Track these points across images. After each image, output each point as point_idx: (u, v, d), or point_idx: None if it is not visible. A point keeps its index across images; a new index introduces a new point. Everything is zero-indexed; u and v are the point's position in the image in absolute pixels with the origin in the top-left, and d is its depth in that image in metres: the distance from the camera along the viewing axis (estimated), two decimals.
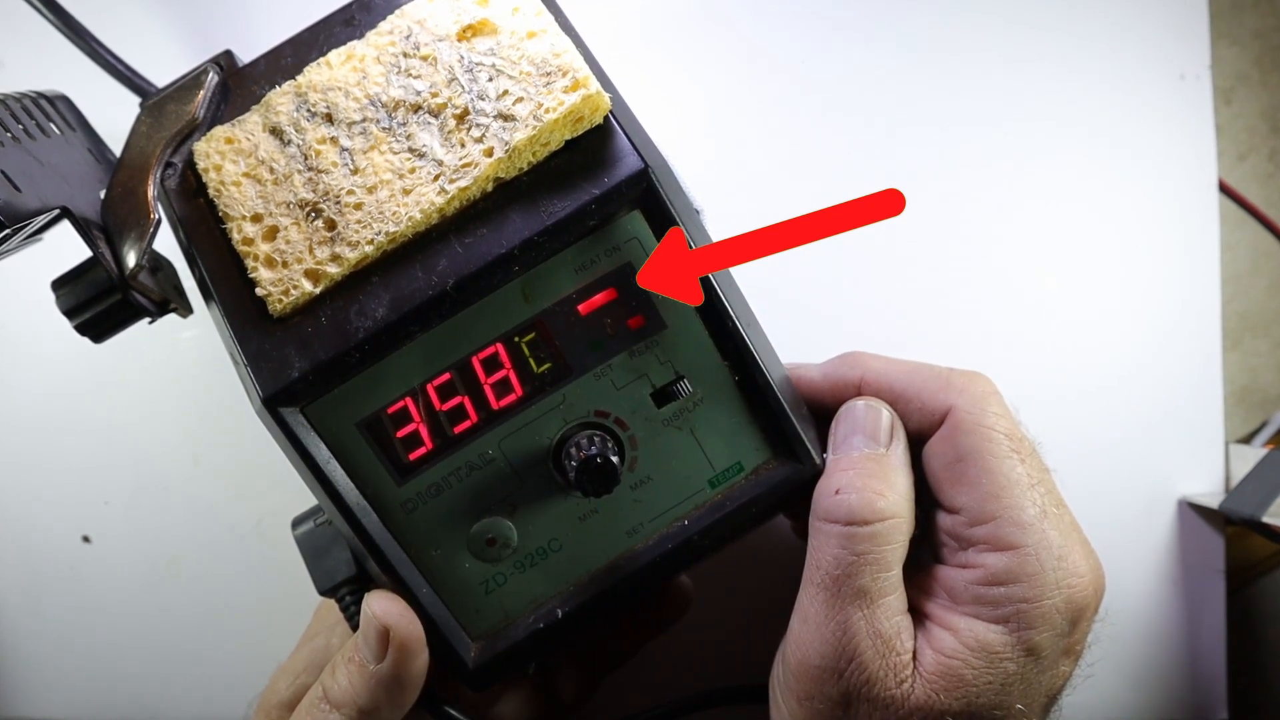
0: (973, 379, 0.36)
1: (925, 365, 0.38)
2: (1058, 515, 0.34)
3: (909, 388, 0.37)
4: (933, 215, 0.53)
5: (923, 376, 0.37)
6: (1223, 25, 0.56)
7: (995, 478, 0.34)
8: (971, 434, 0.35)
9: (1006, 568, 0.33)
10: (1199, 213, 0.54)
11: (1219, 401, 0.54)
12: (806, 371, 0.40)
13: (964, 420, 0.35)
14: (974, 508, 0.34)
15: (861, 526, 0.33)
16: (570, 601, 0.37)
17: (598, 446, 0.34)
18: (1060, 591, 0.33)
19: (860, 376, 0.38)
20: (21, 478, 0.55)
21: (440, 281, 0.33)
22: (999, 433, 0.35)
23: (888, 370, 0.38)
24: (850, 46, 0.53)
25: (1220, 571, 0.54)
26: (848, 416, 0.37)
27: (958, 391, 0.36)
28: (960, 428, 0.35)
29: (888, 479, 0.35)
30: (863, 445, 0.36)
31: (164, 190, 0.36)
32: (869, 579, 0.33)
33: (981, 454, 0.34)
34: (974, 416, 0.35)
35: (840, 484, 0.35)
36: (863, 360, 0.39)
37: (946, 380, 0.36)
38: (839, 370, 0.39)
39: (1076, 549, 0.34)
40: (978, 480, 0.34)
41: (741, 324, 0.35)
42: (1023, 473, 0.34)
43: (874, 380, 0.38)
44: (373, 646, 0.34)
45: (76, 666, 0.56)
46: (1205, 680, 0.54)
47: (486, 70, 0.34)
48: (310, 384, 0.33)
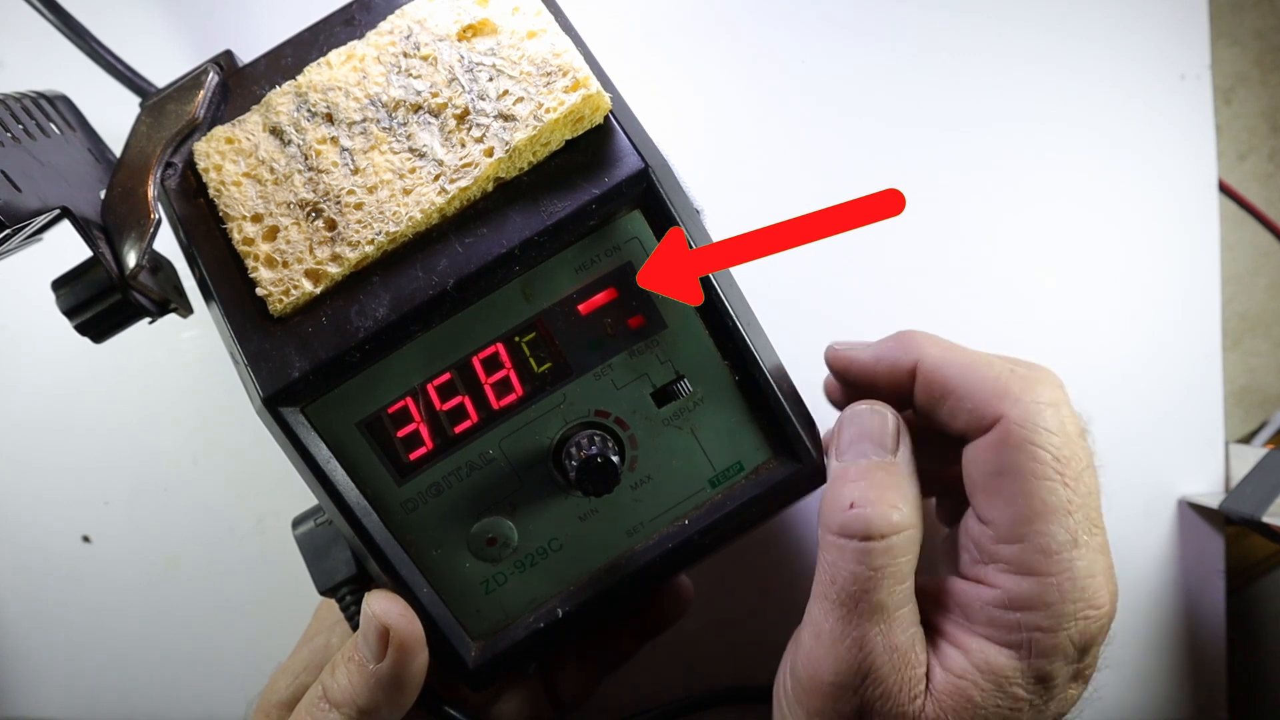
0: (1032, 385, 0.34)
1: (983, 360, 0.36)
2: (1089, 542, 0.32)
3: (963, 384, 0.35)
4: (932, 215, 0.53)
5: (979, 376, 0.35)
6: (1223, 25, 0.56)
7: (1032, 501, 0.32)
8: (1017, 450, 0.33)
9: (1026, 594, 0.32)
10: (1199, 213, 0.54)
11: (1219, 401, 0.54)
12: (858, 353, 0.38)
13: (1012, 434, 0.33)
14: (1004, 525, 0.33)
15: (878, 541, 0.32)
16: (570, 601, 0.37)
17: (598, 446, 0.34)
18: (1077, 623, 0.32)
19: (915, 363, 0.36)
20: (21, 478, 0.55)
21: (441, 281, 0.33)
22: (1046, 452, 0.32)
23: (943, 361, 0.36)
24: (850, 46, 0.53)
25: (1220, 571, 0.54)
26: (852, 421, 0.36)
27: (1013, 400, 0.33)
28: (1007, 441, 0.33)
29: (900, 489, 0.33)
30: (871, 452, 0.35)
31: (164, 190, 0.36)
32: (885, 593, 0.32)
33: (1022, 473, 0.33)
34: (1023, 431, 0.33)
35: (854, 496, 0.33)
36: (918, 344, 0.37)
37: (1004, 386, 0.34)
38: (893, 353, 0.37)
39: (1100, 577, 0.32)
40: (1013, 500, 0.33)
41: (742, 324, 0.35)
42: (1062, 497, 0.32)
43: (928, 371, 0.36)
44: (372, 646, 0.34)
45: (76, 666, 0.56)
46: (1205, 680, 0.54)
47: (487, 70, 0.34)
48: (310, 384, 0.33)
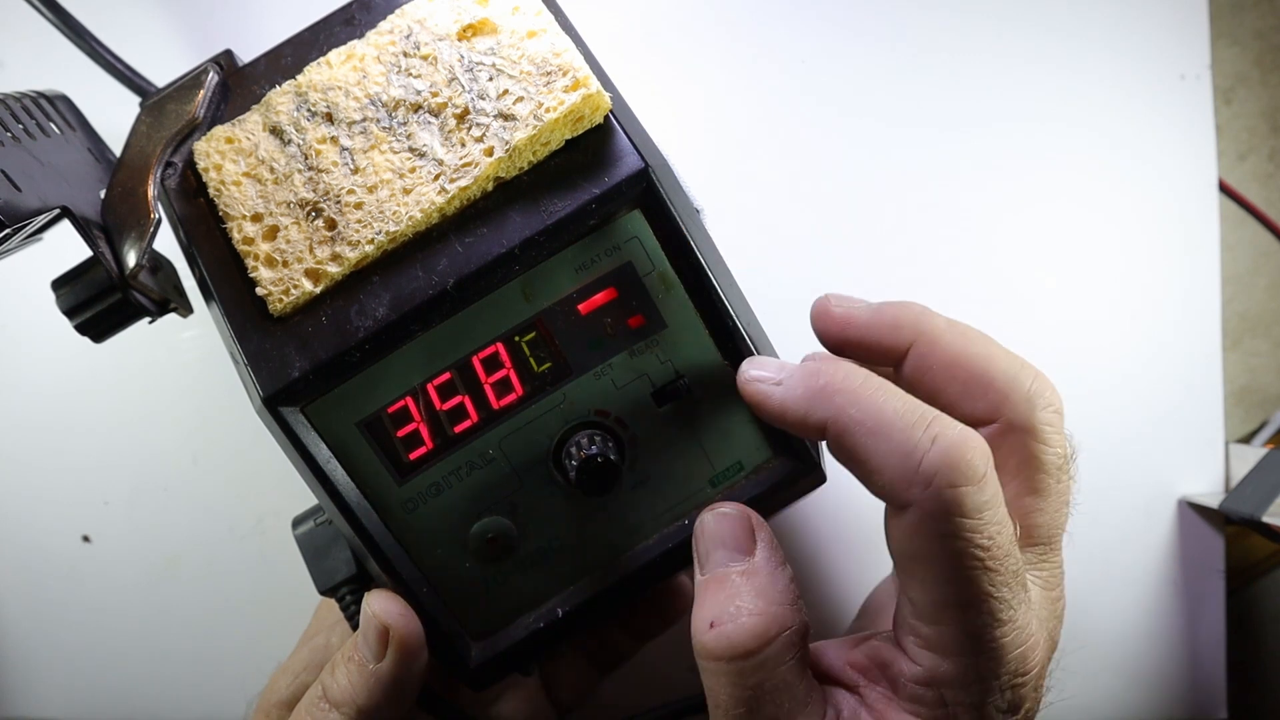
0: (953, 465, 0.28)
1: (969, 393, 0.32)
2: (1020, 611, 0.29)
3: (955, 398, 0.32)
4: (932, 215, 0.53)
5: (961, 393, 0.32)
6: (1223, 25, 0.56)
7: (946, 588, 0.29)
8: (930, 540, 0.28)
9: (949, 674, 0.29)
10: (1199, 213, 0.54)
11: (1219, 401, 0.54)
12: (856, 311, 0.34)
13: (924, 524, 0.28)
14: (922, 607, 0.30)
15: (748, 659, 0.29)
16: (570, 601, 0.37)
17: (598, 446, 0.34)
18: (1004, 694, 0.29)
19: (910, 344, 0.33)
20: (21, 478, 0.55)
21: (441, 281, 0.33)
22: (970, 546, 0.28)
23: (937, 362, 0.33)
24: (850, 46, 0.53)
25: (1220, 571, 0.54)
26: (701, 533, 0.33)
27: (939, 476, 0.28)
28: (920, 528, 0.28)
29: (762, 592, 0.30)
30: (726, 560, 0.32)
31: (164, 190, 0.36)
32: (774, 708, 0.30)
33: (935, 561, 0.28)
34: (936, 524, 0.28)
35: (712, 614, 0.30)
36: (922, 324, 0.33)
37: (942, 448, 0.28)
38: (890, 330, 0.33)
39: (1034, 637, 0.29)
40: (927, 586, 0.29)
41: (742, 323, 0.35)
42: (984, 587, 0.28)
43: (919, 358, 0.33)
44: (372, 646, 0.34)
45: (76, 666, 0.56)
46: (1205, 680, 0.54)
47: (487, 70, 0.34)
48: (310, 383, 0.33)
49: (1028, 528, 0.32)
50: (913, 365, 0.33)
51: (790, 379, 0.32)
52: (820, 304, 0.35)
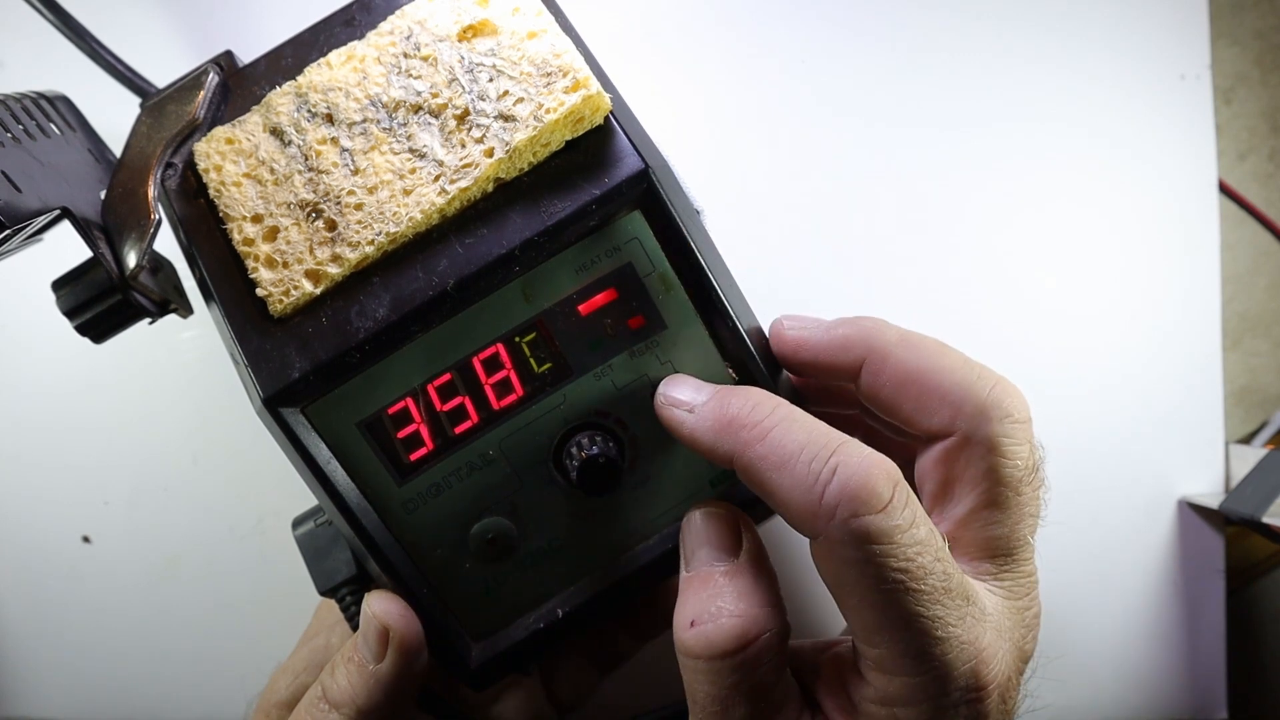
0: (853, 495, 0.28)
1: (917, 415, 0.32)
2: (961, 627, 0.28)
3: (909, 414, 0.33)
4: (932, 215, 0.53)
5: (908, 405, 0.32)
6: (1223, 25, 0.56)
7: (872, 613, 0.28)
8: (844, 568, 0.28)
9: (898, 694, 0.29)
10: (1199, 213, 0.54)
11: (1219, 401, 0.54)
12: (807, 334, 0.35)
13: (835, 553, 0.28)
14: (858, 631, 0.30)
15: (727, 659, 0.29)
16: (570, 601, 0.37)
17: (599, 446, 0.34)
18: (961, 709, 0.29)
19: (862, 362, 0.33)
20: (21, 478, 0.55)
21: (441, 282, 0.33)
22: (886, 570, 0.28)
23: (889, 379, 0.33)
24: (850, 47, 0.53)
25: (1220, 571, 0.54)
26: (688, 530, 0.33)
27: (841, 507, 0.28)
28: (833, 557, 0.29)
29: (745, 594, 0.30)
30: (710, 559, 0.32)
31: (164, 191, 0.36)
32: (750, 708, 0.30)
33: (855, 587, 0.28)
34: (847, 552, 0.28)
35: (694, 613, 0.30)
36: (872, 340, 0.33)
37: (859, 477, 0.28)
38: (840, 350, 0.34)
39: (985, 650, 0.29)
40: (857, 612, 0.29)
41: (742, 324, 0.35)
42: (911, 608, 0.28)
43: (871, 375, 0.33)
44: (372, 646, 0.34)
45: (76, 666, 0.56)
46: (1205, 680, 0.54)
47: (487, 71, 0.34)
48: (311, 384, 0.33)
49: (985, 540, 0.32)
50: (866, 383, 0.34)
51: (702, 408, 0.32)
52: (774, 327, 0.36)
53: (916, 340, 0.33)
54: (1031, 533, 0.32)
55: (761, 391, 0.32)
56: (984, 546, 0.32)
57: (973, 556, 0.32)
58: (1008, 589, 0.32)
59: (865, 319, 0.34)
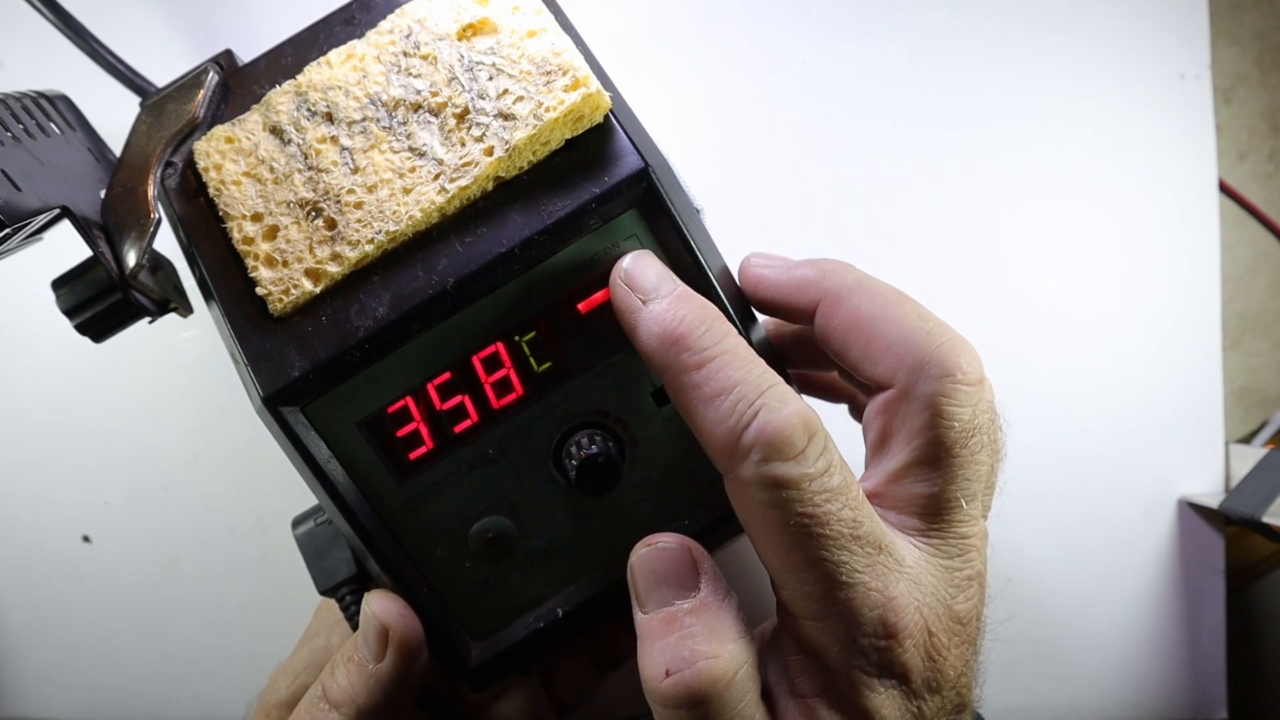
0: (768, 441, 0.28)
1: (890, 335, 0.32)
2: (870, 575, 0.28)
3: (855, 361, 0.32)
4: (932, 215, 0.53)
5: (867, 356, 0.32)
6: (1223, 25, 0.56)
7: (779, 554, 0.29)
8: (752, 508, 0.29)
9: (808, 636, 0.29)
10: (1199, 213, 0.54)
11: (1219, 401, 0.54)
12: (769, 272, 0.34)
13: (745, 492, 0.29)
14: (770, 570, 0.30)
15: (707, 705, 0.28)
16: (570, 601, 0.37)
17: (598, 446, 0.34)
18: (872, 656, 0.29)
19: (817, 301, 0.33)
20: (21, 477, 0.55)
21: (441, 280, 0.33)
22: (791, 515, 0.28)
23: (839, 324, 0.33)
24: (850, 46, 0.53)
25: (1220, 571, 0.54)
26: (642, 568, 0.31)
27: (755, 449, 0.28)
28: (742, 496, 0.29)
29: (714, 630, 0.29)
30: (672, 597, 0.30)
31: (164, 190, 0.36)
32: None
33: (762, 527, 0.29)
34: (756, 493, 0.29)
35: (667, 661, 0.29)
36: (828, 284, 0.33)
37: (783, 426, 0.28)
38: (797, 290, 0.34)
39: (896, 600, 0.29)
40: (765, 551, 0.30)
41: (740, 322, 0.35)
42: (816, 552, 0.28)
43: (823, 318, 0.33)
44: (372, 646, 0.34)
45: (76, 666, 0.56)
46: (1205, 680, 0.54)
47: (487, 69, 0.34)
48: (311, 383, 0.33)
49: (914, 496, 0.31)
50: (819, 325, 0.34)
51: (655, 304, 0.31)
52: (742, 264, 0.36)
53: (873, 286, 0.33)
54: (968, 497, 0.31)
55: (715, 311, 0.31)
56: (913, 503, 0.31)
57: (901, 511, 0.31)
58: (935, 547, 0.31)
59: (829, 261, 0.34)
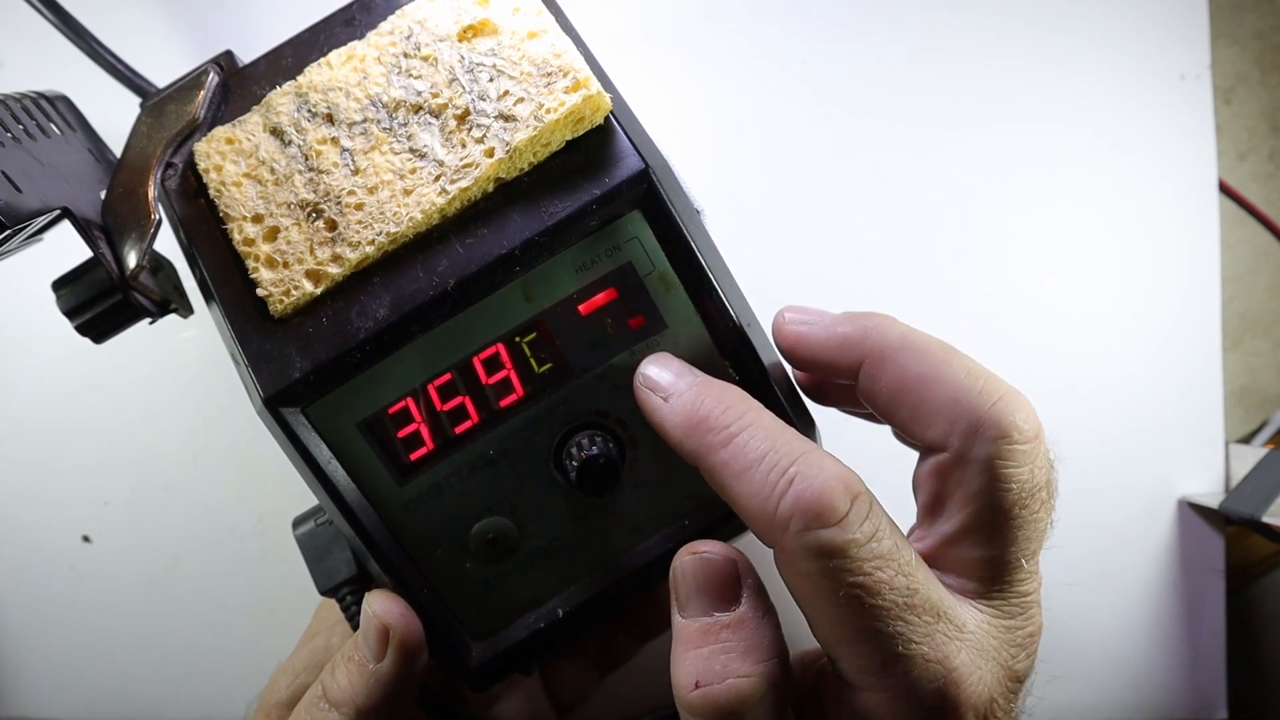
0: (807, 508, 0.27)
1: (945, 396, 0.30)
2: (929, 645, 0.27)
3: (904, 422, 0.31)
4: (932, 215, 0.53)
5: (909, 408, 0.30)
6: (1223, 25, 0.56)
7: (831, 627, 0.28)
8: (800, 581, 0.28)
9: (864, 707, 0.28)
10: (1199, 213, 0.54)
11: (1219, 401, 0.54)
12: (808, 330, 0.33)
13: (792, 565, 0.28)
14: (823, 644, 0.29)
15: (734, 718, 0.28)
16: (571, 601, 0.37)
17: (599, 446, 0.34)
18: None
19: (860, 361, 0.32)
20: (21, 477, 0.55)
21: (441, 282, 0.33)
22: (841, 585, 0.27)
23: (885, 386, 0.31)
24: (850, 46, 0.53)
25: (1220, 571, 0.54)
26: (681, 576, 0.31)
27: (795, 519, 0.27)
28: (789, 569, 0.28)
29: (751, 649, 0.29)
30: (709, 608, 0.30)
31: (164, 191, 0.36)
32: None
33: (813, 601, 0.28)
34: (802, 564, 0.27)
35: (698, 673, 0.28)
36: (870, 344, 0.32)
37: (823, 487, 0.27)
38: (839, 351, 0.33)
39: (957, 670, 0.28)
40: (817, 625, 0.28)
41: (741, 322, 0.35)
42: (868, 624, 0.27)
43: (868, 380, 0.32)
44: (373, 646, 0.34)
45: (76, 666, 0.56)
46: (1205, 680, 0.54)
47: (487, 70, 0.34)
48: (311, 384, 0.33)
49: (973, 561, 0.30)
50: (864, 386, 0.32)
51: (677, 400, 0.31)
52: (776, 320, 0.34)
53: (919, 343, 0.31)
54: (1028, 556, 0.30)
55: (737, 391, 0.31)
56: (972, 567, 0.30)
57: (959, 574, 0.30)
58: (997, 609, 0.30)
59: (870, 316, 0.33)
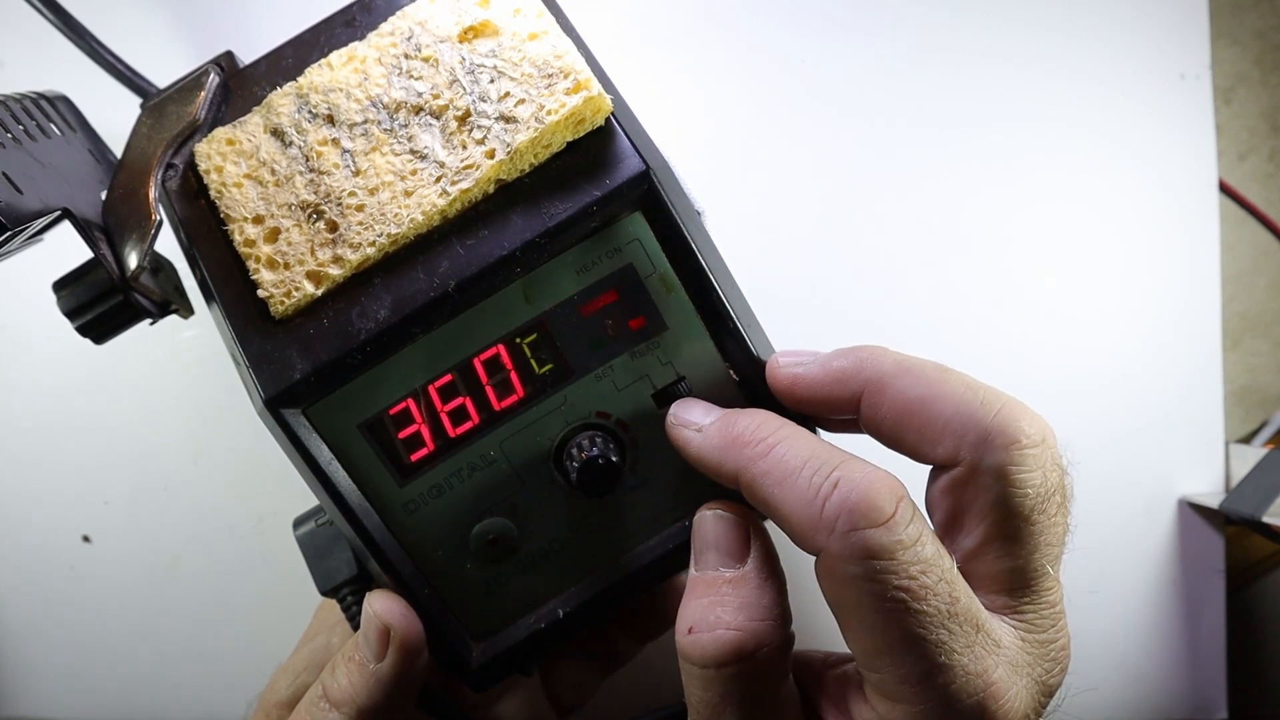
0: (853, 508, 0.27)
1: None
2: (969, 657, 0.27)
3: (913, 444, 0.31)
4: (932, 215, 0.53)
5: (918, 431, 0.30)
6: (1223, 25, 0.56)
7: (873, 635, 0.28)
8: (845, 586, 0.28)
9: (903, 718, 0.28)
10: (1199, 213, 0.54)
11: (1219, 401, 0.54)
12: (803, 370, 0.33)
13: (836, 569, 0.28)
14: (860, 654, 0.29)
15: (719, 669, 0.29)
16: (571, 601, 0.37)
17: (599, 447, 0.34)
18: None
19: (860, 395, 0.32)
20: (21, 478, 0.55)
21: (442, 283, 0.33)
22: (887, 589, 0.27)
23: (887, 412, 0.31)
24: (850, 47, 0.53)
25: (1220, 571, 0.54)
26: (698, 530, 0.33)
27: (841, 519, 0.27)
28: (833, 574, 0.28)
29: (746, 605, 0.30)
30: (717, 563, 0.31)
31: (165, 191, 0.36)
32: (742, 716, 0.29)
33: (855, 607, 0.28)
34: (847, 567, 0.27)
35: (693, 619, 0.30)
36: (866, 374, 0.32)
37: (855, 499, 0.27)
38: (836, 385, 0.33)
39: (995, 685, 0.28)
40: (857, 634, 0.28)
41: (742, 324, 0.35)
42: (913, 630, 0.27)
43: (870, 408, 0.32)
44: (373, 646, 0.34)
45: (76, 666, 0.56)
46: (1205, 680, 0.54)
47: (488, 72, 0.34)
48: (312, 385, 0.33)
49: (999, 573, 0.30)
50: (866, 416, 0.33)
51: (710, 427, 0.33)
52: (770, 364, 0.35)
53: (915, 367, 0.32)
54: (1051, 561, 0.30)
55: (766, 412, 0.32)
56: (998, 580, 0.30)
57: (987, 589, 0.30)
58: (1029, 622, 0.30)
59: (863, 349, 0.33)
